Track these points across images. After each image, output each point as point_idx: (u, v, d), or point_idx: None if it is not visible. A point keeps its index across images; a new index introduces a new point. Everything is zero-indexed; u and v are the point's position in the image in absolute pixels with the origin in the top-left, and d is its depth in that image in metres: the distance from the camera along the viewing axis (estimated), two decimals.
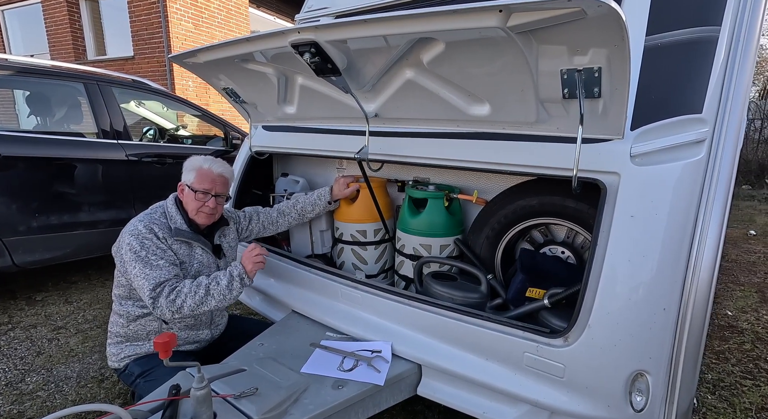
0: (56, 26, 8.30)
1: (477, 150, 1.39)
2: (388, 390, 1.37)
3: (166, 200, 1.58)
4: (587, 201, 1.33)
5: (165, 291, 1.37)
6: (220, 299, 1.41)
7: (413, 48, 1.15)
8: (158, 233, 1.45)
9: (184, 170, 1.55)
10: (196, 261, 1.54)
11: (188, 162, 1.57)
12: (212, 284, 1.42)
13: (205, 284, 1.41)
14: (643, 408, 1.07)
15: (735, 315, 2.68)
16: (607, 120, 1.09)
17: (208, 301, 1.40)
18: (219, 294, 1.41)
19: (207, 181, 1.51)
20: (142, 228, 1.44)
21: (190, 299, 1.38)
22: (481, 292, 1.51)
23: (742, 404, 1.86)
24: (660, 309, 1.03)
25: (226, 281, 1.43)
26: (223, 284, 1.42)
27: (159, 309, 1.37)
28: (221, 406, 1.13)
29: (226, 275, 1.44)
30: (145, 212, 1.53)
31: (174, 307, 1.37)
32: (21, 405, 1.84)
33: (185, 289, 1.39)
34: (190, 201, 1.52)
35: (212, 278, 1.44)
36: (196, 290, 1.39)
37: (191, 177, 1.53)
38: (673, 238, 1.04)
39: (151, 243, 1.43)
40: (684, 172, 1.06)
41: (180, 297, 1.37)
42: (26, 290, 3.01)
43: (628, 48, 0.86)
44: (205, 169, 1.53)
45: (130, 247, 1.42)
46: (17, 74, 2.83)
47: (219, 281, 1.43)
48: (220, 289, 1.41)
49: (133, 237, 1.42)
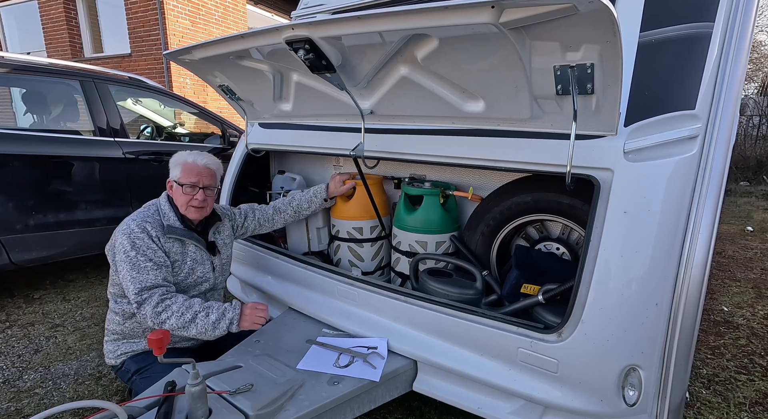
0: (53, 24, 8.26)
1: (472, 147, 1.39)
2: (384, 386, 1.38)
3: (159, 197, 1.58)
4: (581, 197, 1.34)
5: (154, 300, 1.36)
6: (201, 332, 1.39)
7: (407, 45, 1.15)
8: (151, 232, 1.45)
9: (170, 166, 1.55)
10: (189, 258, 1.54)
11: (173, 158, 1.56)
12: (201, 314, 1.39)
13: (194, 311, 1.39)
14: (636, 402, 1.08)
15: (731, 311, 2.69)
16: (601, 116, 1.09)
17: (190, 328, 1.38)
18: (202, 327, 1.38)
19: (193, 174, 1.51)
20: (135, 227, 1.43)
21: (176, 319, 1.36)
22: (477, 288, 1.51)
23: (736, 398, 1.87)
24: (652, 304, 1.04)
25: (215, 317, 1.40)
26: (211, 320, 1.39)
27: (142, 316, 1.37)
28: (216, 402, 1.14)
29: (218, 312, 1.41)
30: (138, 211, 1.53)
31: (158, 320, 1.36)
32: (19, 402, 1.84)
33: (174, 307, 1.37)
34: (179, 196, 1.51)
35: (204, 308, 1.41)
36: (184, 313, 1.37)
37: (177, 172, 1.52)
38: (666, 234, 1.04)
39: (143, 243, 1.42)
40: (677, 168, 1.06)
41: (167, 313, 1.36)
42: (24, 289, 3.01)
43: (620, 44, 0.86)
44: (189, 162, 1.53)
45: (122, 247, 1.41)
46: (13, 72, 2.82)
47: (209, 314, 1.40)
48: (207, 323, 1.39)
49: (125, 237, 1.42)
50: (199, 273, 1.56)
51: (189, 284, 1.55)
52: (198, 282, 1.57)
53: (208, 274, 1.60)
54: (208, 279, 1.60)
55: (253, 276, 2.03)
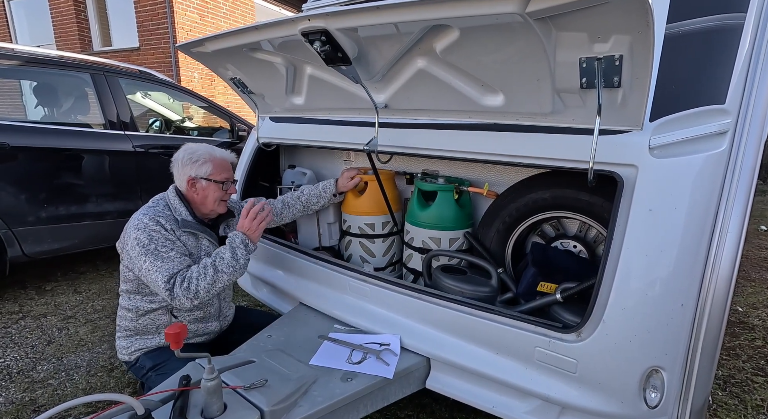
0: (62, 17, 8.29)
1: (489, 142, 1.36)
2: (397, 383, 1.37)
3: (165, 192, 1.56)
4: (602, 194, 1.30)
5: (177, 281, 1.37)
6: (231, 273, 1.40)
7: (426, 36, 1.12)
8: (165, 225, 1.44)
9: (192, 163, 1.51)
10: (203, 252, 1.54)
11: (193, 155, 1.53)
12: (216, 259, 1.41)
13: (210, 263, 1.40)
14: (658, 404, 1.06)
15: (746, 311, 2.64)
16: (626, 111, 1.06)
17: (220, 277, 1.39)
18: (228, 268, 1.40)
19: (225, 170, 1.54)
20: (148, 221, 1.42)
21: (203, 281, 1.37)
22: (492, 286, 1.49)
23: (753, 401, 1.84)
24: (678, 305, 1.01)
25: (230, 254, 1.42)
26: (228, 258, 1.41)
27: (177, 300, 1.36)
28: (231, 397, 1.13)
29: (228, 249, 1.43)
30: (147, 206, 1.50)
31: (190, 294, 1.36)
32: (33, 392, 1.86)
33: (194, 274, 1.38)
34: (212, 192, 1.51)
35: (215, 255, 1.43)
36: (205, 272, 1.38)
37: (208, 169, 1.51)
38: (693, 233, 1.01)
39: (159, 235, 1.41)
40: (705, 164, 1.03)
41: (192, 283, 1.37)
42: (36, 280, 3.04)
43: (652, 34, 0.83)
44: (218, 158, 1.54)
45: (137, 241, 1.39)
46: (24, 65, 2.82)
47: (223, 258, 1.41)
48: (228, 263, 1.40)
49: (139, 231, 1.40)
50: None
51: None
52: None
53: None
54: None
55: (263, 271, 2.02)
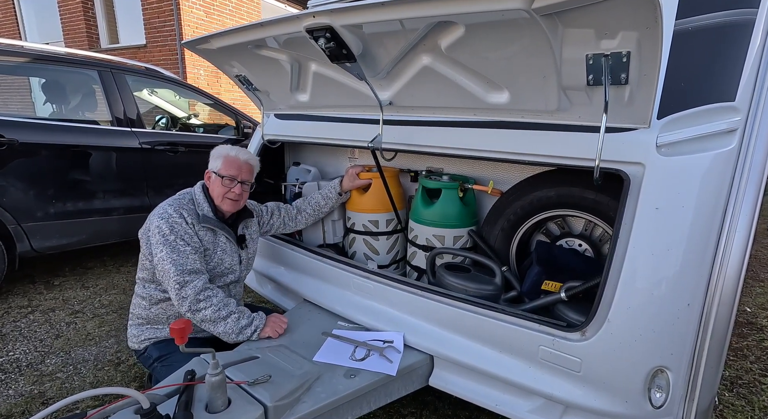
0: (70, 14, 8.35)
1: (494, 139, 1.35)
2: (400, 380, 1.37)
3: (193, 187, 1.61)
4: (607, 192, 1.29)
5: (198, 286, 1.39)
6: (227, 332, 1.43)
7: (431, 32, 1.12)
8: (187, 219, 1.47)
9: (211, 157, 1.59)
10: (220, 249, 1.56)
11: (215, 150, 1.60)
12: (235, 314, 1.44)
13: (229, 310, 1.43)
14: (663, 404, 1.05)
15: (754, 312, 2.61)
16: (633, 108, 1.04)
17: (220, 325, 1.42)
18: (231, 328, 1.43)
19: (233, 167, 1.54)
20: (172, 212, 1.46)
21: (212, 311, 1.40)
22: (496, 284, 1.48)
23: (760, 402, 1.82)
24: (684, 305, 1.00)
25: (245, 323, 1.45)
26: (241, 324, 1.44)
27: (181, 298, 1.39)
28: (235, 392, 1.14)
29: (248, 319, 1.46)
30: (174, 198, 1.55)
31: (195, 307, 1.39)
32: (41, 385, 1.89)
33: (215, 299, 1.42)
34: (217, 187, 1.54)
35: (239, 310, 1.46)
36: (221, 309, 1.42)
37: (218, 164, 1.55)
38: (700, 232, 1.00)
39: (180, 228, 1.45)
40: (714, 163, 1.01)
41: (206, 303, 1.40)
42: (44, 275, 3.09)
43: (661, 31, 0.82)
44: (231, 156, 1.56)
45: (159, 229, 1.43)
46: (33, 62, 2.85)
47: (240, 318, 1.44)
48: (236, 325, 1.43)
49: (163, 220, 1.44)
50: (227, 264, 1.58)
51: (215, 275, 1.56)
52: (224, 273, 1.58)
53: (235, 266, 1.61)
54: (234, 271, 1.62)
55: (268, 268, 2.03)
